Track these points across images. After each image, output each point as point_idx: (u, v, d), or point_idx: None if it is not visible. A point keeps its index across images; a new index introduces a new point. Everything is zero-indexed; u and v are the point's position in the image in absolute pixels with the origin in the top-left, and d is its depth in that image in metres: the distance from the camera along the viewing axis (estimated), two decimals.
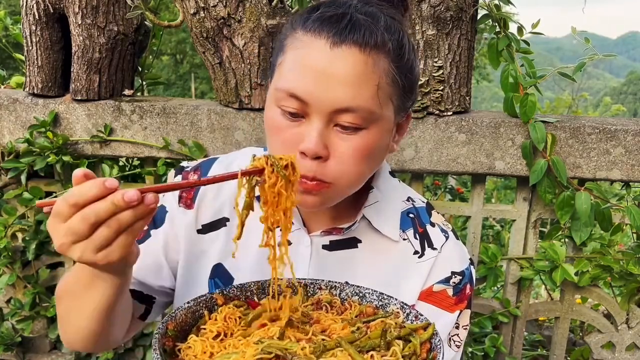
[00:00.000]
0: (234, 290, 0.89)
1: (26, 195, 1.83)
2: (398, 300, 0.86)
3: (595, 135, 1.68)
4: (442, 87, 1.69)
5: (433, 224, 1.05)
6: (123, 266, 0.78)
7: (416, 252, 1.01)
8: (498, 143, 1.70)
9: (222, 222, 1.02)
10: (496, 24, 1.69)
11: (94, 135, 1.78)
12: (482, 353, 1.90)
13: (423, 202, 1.08)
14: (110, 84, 1.82)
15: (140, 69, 2.00)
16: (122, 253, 0.72)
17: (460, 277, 1.01)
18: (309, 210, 0.98)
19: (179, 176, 1.05)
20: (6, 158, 1.82)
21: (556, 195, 1.70)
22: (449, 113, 1.71)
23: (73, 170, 2.10)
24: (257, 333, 0.78)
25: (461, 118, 1.70)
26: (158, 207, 1.02)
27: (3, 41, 2.14)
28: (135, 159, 1.99)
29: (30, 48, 1.80)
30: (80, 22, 1.73)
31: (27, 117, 1.81)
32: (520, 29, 1.72)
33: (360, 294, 0.90)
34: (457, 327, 1.03)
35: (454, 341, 1.03)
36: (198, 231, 1.03)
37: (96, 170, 1.90)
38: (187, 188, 1.01)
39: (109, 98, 1.81)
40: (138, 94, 1.97)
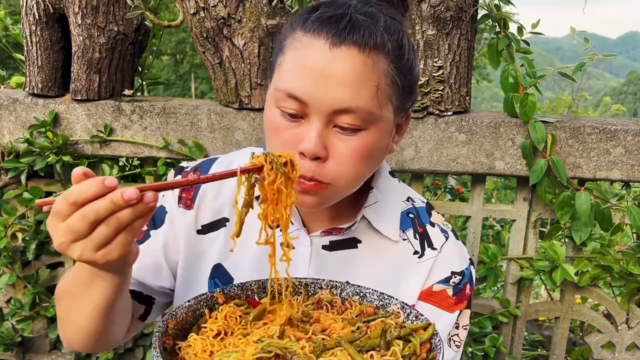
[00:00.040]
0: (235, 289, 0.89)
1: (26, 195, 1.83)
2: (399, 300, 0.86)
3: (595, 135, 1.68)
4: (442, 87, 1.69)
5: (433, 224, 1.05)
6: (122, 265, 0.78)
7: (416, 252, 1.01)
8: (498, 143, 1.70)
9: (222, 223, 1.02)
10: (496, 24, 1.69)
11: (94, 135, 1.78)
12: (482, 353, 1.90)
13: (423, 202, 1.08)
14: (110, 84, 1.82)
15: (140, 69, 2.00)
16: (122, 252, 0.72)
17: (460, 277, 1.01)
18: (307, 210, 0.98)
19: (179, 176, 1.05)
20: (6, 158, 1.82)
21: (556, 195, 1.70)
22: (449, 113, 1.71)
23: (73, 170, 2.09)
24: (257, 332, 0.78)
25: (461, 118, 1.70)
26: (158, 208, 1.02)
27: (3, 41, 2.14)
28: (135, 159, 1.99)
29: (30, 48, 1.80)
30: (80, 22, 1.73)
31: (27, 117, 1.81)
32: (520, 29, 1.72)
33: (360, 294, 0.90)
34: (457, 327, 1.03)
35: (454, 341, 1.03)
36: (198, 231, 1.03)
37: (96, 170, 1.90)
38: (187, 186, 1.01)
39: (109, 98, 1.81)
40: (138, 94, 1.97)
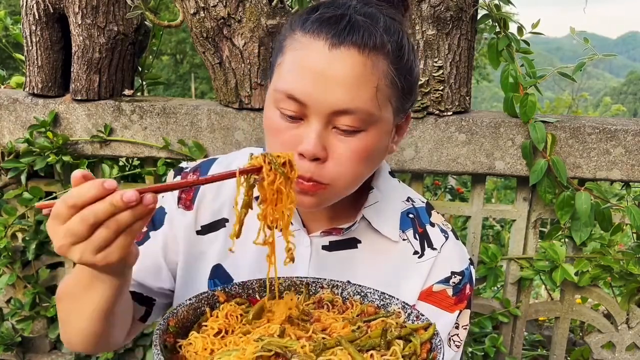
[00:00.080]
0: (236, 287, 0.89)
1: (26, 195, 1.83)
2: (399, 300, 0.86)
3: (595, 135, 1.68)
4: (442, 87, 1.69)
5: (433, 224, 1.04)
6: (122, 267, 0.78)
7: (416, 252, 1.01)
8: (498, 143, 1.70)
9: (222, 223, 1.02)
10: (496, 24, 1.69)
11: (94, 135, 1.78)
12: (482, 353, 1.90)
13: (423, 202, 1.08)
14: (110, 84, 1.82)
15: (140, 69, 2.00)
16: (122, 254, 0.72)
17: (460, 277, 1.01)
18: (305, 210, 0.98)
19: (178, 177, 1.05)
20: (6, 158, 1.82)
21: (556, 195, 1.70)
22: (449, 113, 1.71)
23: (73, 170, 2.09)
24: (258, 330, 0.78)
25: (461, 118, 1.70)
26: (157, 209, 1.02)
27: (3, 41, 2.14)
28: (135, 159, 1.99)
29: (30, 48, 1.80)
30: (80, 22, 1.73)
31: (27, 117, 1.81)
32: (520, 29, 1.72)
33: (362, 294, 0.90)
34: (457, 327, 1.03)
35: (454, 341, 1.03)
36: (197, 232, 1.03)
37: (96, 170, 1.90)
38: (186, 188, 1.01)
39: (109, 98, 1.81)
40: (138, 94, 1.97)
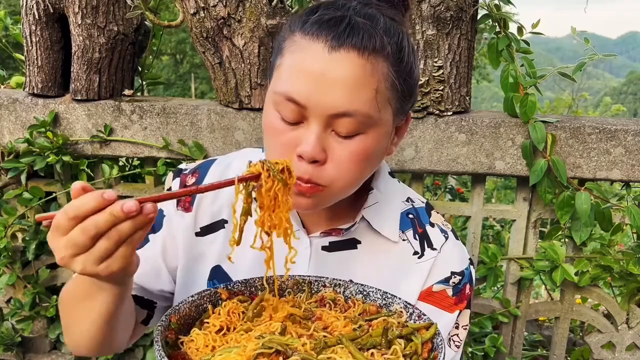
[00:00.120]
0: (239, 285, 0.89)
1: (26, 195, 1.84)
2: (402, 299, 0.86)
3: (595, 135, 1.68)
4: (442, 87, 1.69)
5: (432, 224, 1.04)
6: (123, 276, 0.78)
7: (416, 253, 1.01)
8: (498, 143, 1.70)
9: (221, 224, 1.02)
10: (496, 24, 1.69)
11: (94, 135, 1.78)
12: (482, 353, 1.90)
13: (422, 203, 1.08)
14: (110, 84, 1.82)
15: (140, 69, 2.00)
16: (123, 263, 0.73)
17: (459, 277, 1.01)
18: (303, 212, 0.98)
19: (177, 179, 1.05)
20: (6, 158, 1.82)
21: (556, 195, 1.70)
22: (449, 113, 1.71)
23: (73, 170, 2.09)
24: (259, 328, 0.78)
25: (461, 118, 1.70)
26: None
27: (3, 41, 2.14)
28: (135, 159, 1.99)
29: (30, 48, 1.80)
30: (80, 22, 1.73)
31: (27, 117, 1.81)
32: (520, 29, 1.72)
33: (364, 293, 0.90)
34: (457, 327, 1.03)
35: (454, 341, 1.03)
36: (196, 234, 1.03)
37: (96, 170, 1.90)
38: (185, 196, 1.01)
39: (109, 98, 1.81)
40: (138, 94, 1.97)
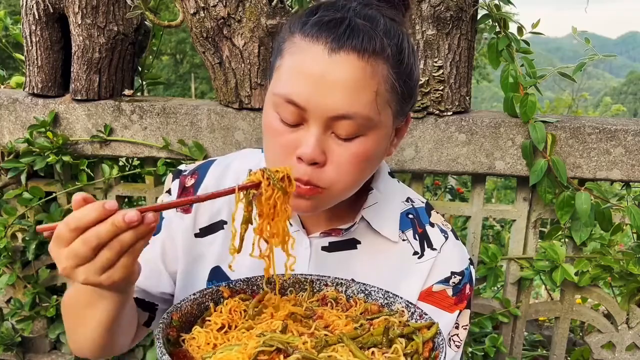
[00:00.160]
0: (241, 283, 0.89)
1: (26, 195, 1.84)
2: (403, 299, 0.87)
3: (595, 135, 1.68)
4: (442, 87, 1.69)
5: (432, 224, 1.04)
6: (125, 285, 0.79)
7: (416, 253, 1.01)
8: (498, 143, 1.70)
9: (220, 225, 1.02)
10: (496, 24, 1.69)
11: (94, 135, 1.78)
12: (482, 353, 1.90)
13: (422, 203, 1.08)
14: (110, 84, 1.82)
15: (140, 69, 2.00)
16: (125, 273, 0.73)
17: (459, 277, 1.01)
18: (302, 214, 0.98)
19: (176, 180, 1.05)
20: (6, 158, 1.82)
21: (556, 195, 1.70)
22: (449, 113, 1.71)
23: (73, 170, 2.09)
24: (260, 326, 0.79)
25: (461, 118, 1.70)
26: None
27: (3, 41, 2.14)
28: (135, 159, 1.99)
29: (30, 48, 1.80)
30: (80, 22, 1.73)
31: (27, 117, 1.81)
32: (520, 29, 1.72)
33: (366, 292, 0.90)
34: (457, 327, 1.03)
35: (454, 341, 1.03)
36: (196, 235, 1.03)
37: (96, 170, 1.90)
38: (185, 205, 1.01)
39: (109, 98, 1.81)
40: (138, 94, 1.97)
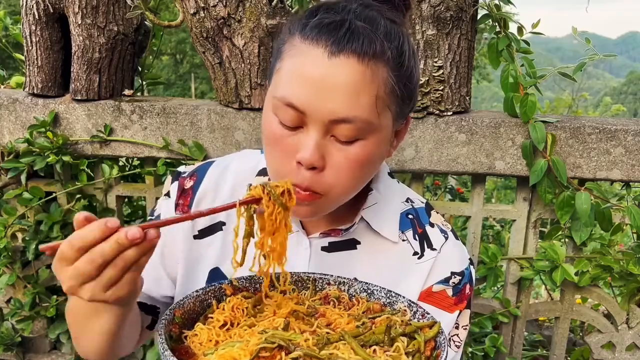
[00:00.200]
0: (243, 281, 0.89)
1: (26, 195, 1.84)
2: (406, 298, 0.87)
3: (595, 135, 1.68)
4: (442, 87, 1.69)
5: (432, 225, 1.04)
6: (129, 298, 0.79)
7: (415, 253, 1.01)
8: (498, 143, 1.70)
9: (219, 226, 1.03)
10: (496, 24, 1.69)
11: (94, 135, 1.78)
12: (482, 353, 1.90)
13: (422, 203, 1.08)
14: (110, 84, 1.82)
15: (140, 69, 2.00)
16: (130, 288, 0.74)
17: (459, 278, 1.01)
18: (302, 219, 0.98)
19: (176, 183, 1.05)
20: (6, 158, 1.82)
21: (556, 195, 1.70)
22: (449, 113, 1.71)
23: (73, 170, 2.08)
24: (262, 323, 0.79)
25: (461, 118, 1.70)
26: (153, 218, 1.05)
27: (3, 41, 2.14)
28: (135, 159, 1.99)
29: (30, 48, 1.80)
30: (80, 22, 1.73)
31: (27, 117, 1.81)
32: (520, 29, 1.72)
33: (368, 291, 0.90)
34: (457, 327, 1.03)
35: (454, 341, 1.03)
36: (194, 237, 1.03)
37: (96, 170, 1.90)
38: (187, 220, 1.02)
39: (109, 98, 1.81)
40: (138, 94, 1.97)
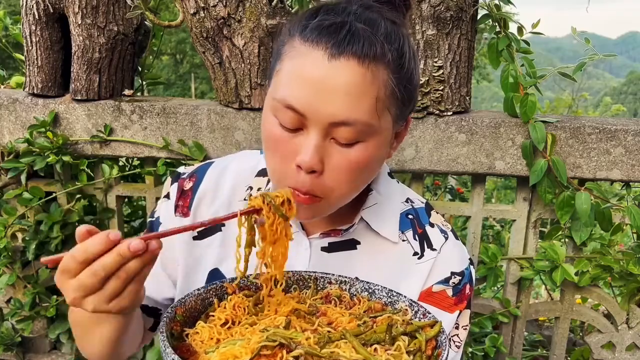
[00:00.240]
0: (244, 280, 0.89)
1: (26, 195, 1.84)
2: (407, 297, 0.87)
3: (595, 135, 1.68)
4: (442, 87, 1.69)
5: (432, 225, 1.04)
6: (131, 308, 0.80)
7: (415, 254, 1.01)
8: (498, 143, 1.70)
9: (217, 227, 1.03)
10: (496, 24, 1.69)
11: (94, 135, 1.78)
12: (482, 353, 1.90)
13: (422, 203, 1.08)
14: (110, 84, 1.82)
15: (140, 69, 2.00)
16: (133, 299, 0.75)
17: (459, 278, 1.01)
18: (302, 221, 0.99)
19: (175, 184, 1.06)
20: (6, 158, 1.82)
21: (556, 195, 1.70)
22: (449, 113, 1.71)
23: (73, 170, 2.08)
24: (264, 322, 0.79)
25: (461, 118, 1.70)
26: (152, 220, 1.06)
27: (3, 41, 2.14)
28: (135, 159, 1.99)
29: (30, 48, 1.80)
30: (80, 22, 1.73)
31: (27, 117, 1.81)
32: (520, 29, 1.72)
33: (369, 290, 0.90)
34: (457, 328, 1.03)
35: (454, 341, 1.03)
36: (194, 238, 1.03)
37: (96, 170, 1.90)
38: (189, 231, 1.03)
39: (109, 98, 1.81)
40: (138, 94, 1.97)
